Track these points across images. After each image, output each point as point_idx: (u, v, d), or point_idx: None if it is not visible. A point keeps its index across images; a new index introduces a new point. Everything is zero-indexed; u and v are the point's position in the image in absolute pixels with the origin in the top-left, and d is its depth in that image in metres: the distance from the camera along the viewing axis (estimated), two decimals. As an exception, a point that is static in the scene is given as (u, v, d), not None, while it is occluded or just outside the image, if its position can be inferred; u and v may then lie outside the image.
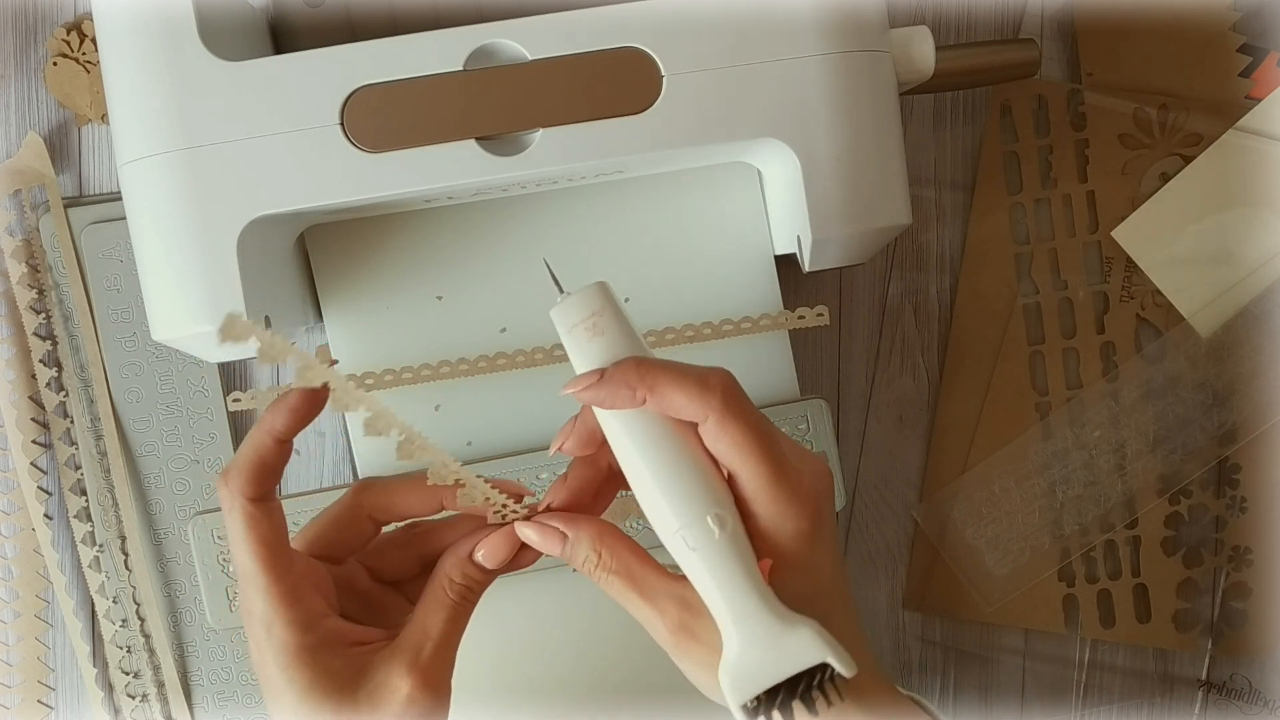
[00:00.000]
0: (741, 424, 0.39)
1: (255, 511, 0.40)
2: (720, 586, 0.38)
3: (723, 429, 0.39)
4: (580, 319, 0.40)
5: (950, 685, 0.57)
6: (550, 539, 0.41)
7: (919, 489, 0.57)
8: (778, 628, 0.38)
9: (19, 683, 0.56)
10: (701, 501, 0.39)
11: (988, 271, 0.57)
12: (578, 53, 0.45)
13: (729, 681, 0.38)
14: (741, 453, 0.39)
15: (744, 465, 0.39)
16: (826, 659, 0.38)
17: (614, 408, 0.40)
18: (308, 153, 0.44)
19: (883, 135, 0.46)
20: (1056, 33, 0.58)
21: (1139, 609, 0.57)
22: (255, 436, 0.40)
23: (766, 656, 0.38)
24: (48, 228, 0.55)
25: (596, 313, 0.40)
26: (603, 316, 0.40)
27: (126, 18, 0.44)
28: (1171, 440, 0.56)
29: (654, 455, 0.39)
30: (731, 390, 0.39)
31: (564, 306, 0.41)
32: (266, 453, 0.40)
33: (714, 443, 0.39)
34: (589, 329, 0.40)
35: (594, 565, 0.41)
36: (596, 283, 0.41)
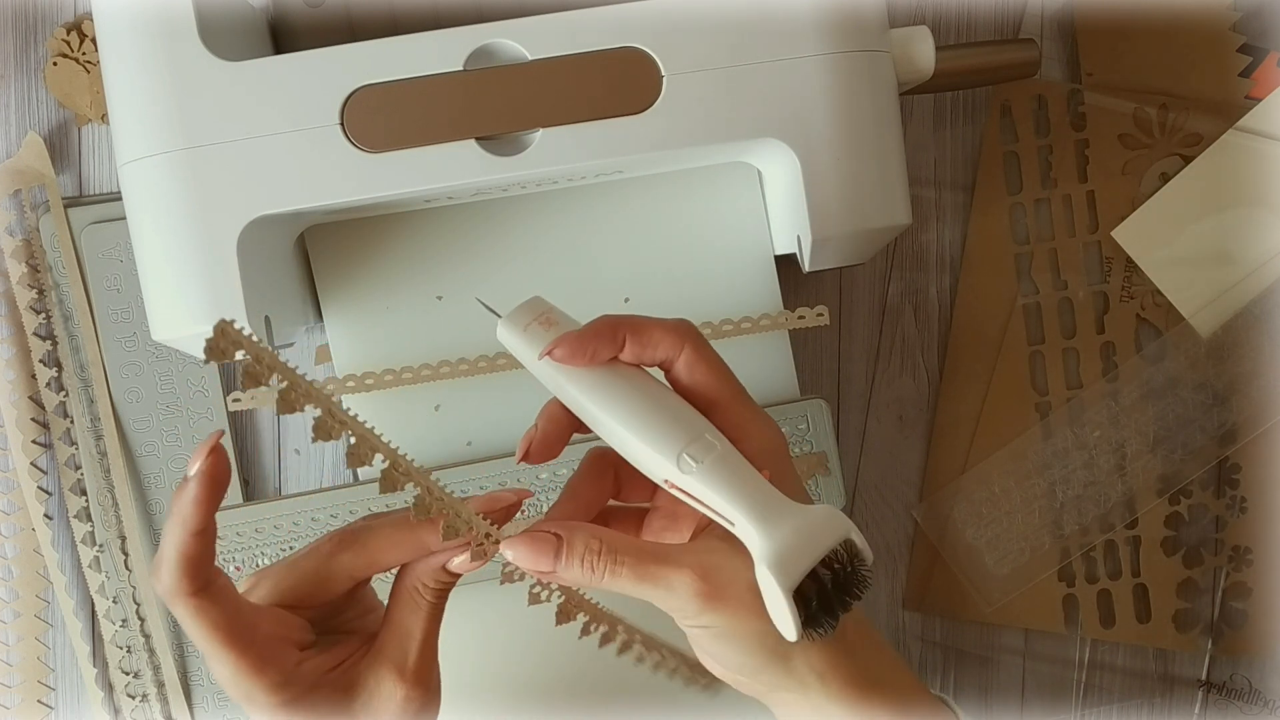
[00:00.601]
0: (712, 353, 0.42)
1: (199, 603, 0.38)
2: (735, 489, 0.39)
3: (698, 356, 0.41)
4: (532, 318, 0.42)
5: (950, 685, 0.57)
6: (542, 546, 0.40)
7: (919, 489, 0.57)
8: (799, 512, 0.39)
9: (19, 683, 0.56)
10: (693, 424, 0.40)
11: (988, 271, 0.57)
12: (578, 53, 0.45)
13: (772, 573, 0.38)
14: (718, 375, 0.41)
15: (722, 386, 0.41)
16: (850, 534, 0.39)
17: (595, 359, 0.40)
18: (308, 153, 0.44)
19: (883, 135, 0.46)
20: (1056, 33, 0.58)
21: (1139, 609, 0.57)
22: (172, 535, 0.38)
23: (797, 539, 0.39)
24: (48, 228, 0.55)
25: (544, 312, 0.42)
26: (552, 312, 0.42)
27: (126, 18, 0.44)
28: (1171, 440, 0.56)
29: (634, 396, 0.40)
30: (696, 330, 0.42)
31: (511, 316, 0.42)
32: (189, 549, 0.38)
33: (690, 372, 0.41)
34: (542, 323, 0.42)
35: (596, 555, 0.40)
36: (532, 296, 0.43)
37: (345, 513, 0.52)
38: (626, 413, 0.40)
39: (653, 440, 0.40)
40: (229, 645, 0.38)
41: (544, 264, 0.54)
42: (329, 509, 0.52)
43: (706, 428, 0.40)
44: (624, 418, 0.40)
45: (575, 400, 0.41)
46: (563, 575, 0.40)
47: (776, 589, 0.38)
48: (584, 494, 0.43)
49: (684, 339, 0.41)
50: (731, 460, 0.40)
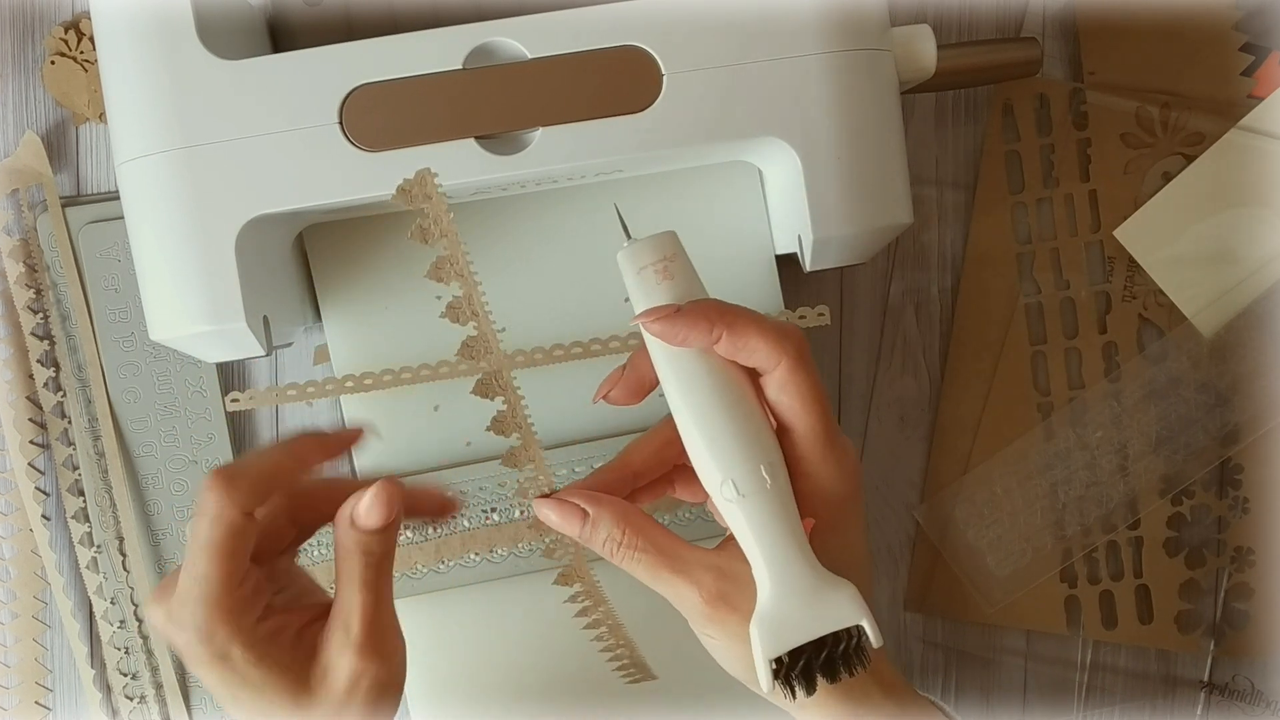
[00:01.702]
0: (810, 377, 0.39)
1: (243, 526, 0.39)
2: (765, 536, 0.38)
3: (792, 378, 0.39)
4: (651, 261, 0.40)
5: (952, 687, 0.57)
6: (570, 515, 0.40)
7: (920, 489, 0.57)
8: (817, 584, 0.38)
9: (17, 684, 0.56)
10: (757, 448, 0.39)
11: (989, 271, 0.57)
12: (577, 51, 0.44)
13: (760, 633, 0.38)
14: (805, 404, 0.39)
15: (804, 418, 0.39)
16: (861, 621, 0.38)
17: (685, 344, 0.39)
18: (306, 152, 0.44)
19: (884, 134, 0.46)
20: (1058, 32, 0.57)
21: (1141, 610, 0.57)
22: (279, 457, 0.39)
23: (802, 612, 0.38)
24: (45, 227, 0.55)
25: (669, 257, 0.40)
26: (674, 262, 0.40)
27: (124, 16, 0.44)
28: (1174, 441, 0.56)
29: (714, 399, 0.39)
30: (804, 344, 0.40)
31: (634, 248, 0.40)
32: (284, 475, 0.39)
33: (779, 392, 0.39)
34: (659, 271, 0.40)
35: (617, 544, 0.40)
36: (667, 230, 0.41)
37: (344, 513, 0.52)
38: (695, 412, 0.39)
39: (707, 454, 0.39)
40: (224, 583, 0.38)
41: (544, 263, 0.54)
42: (328, 510, 0.52)
43: (767, 457, 0.39)
44: (692, 415, 0.39)
45: (659, 367, 0.40)
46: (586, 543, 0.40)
47: (758, 648, 0.38)
48: (636, 463, 0.43)
49: (782, 353, 0.39)
50: (775, 504, 0.38)
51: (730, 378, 0.39)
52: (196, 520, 0.39)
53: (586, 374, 0.54)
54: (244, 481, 0.39)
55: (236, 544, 0.39)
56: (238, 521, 0.39)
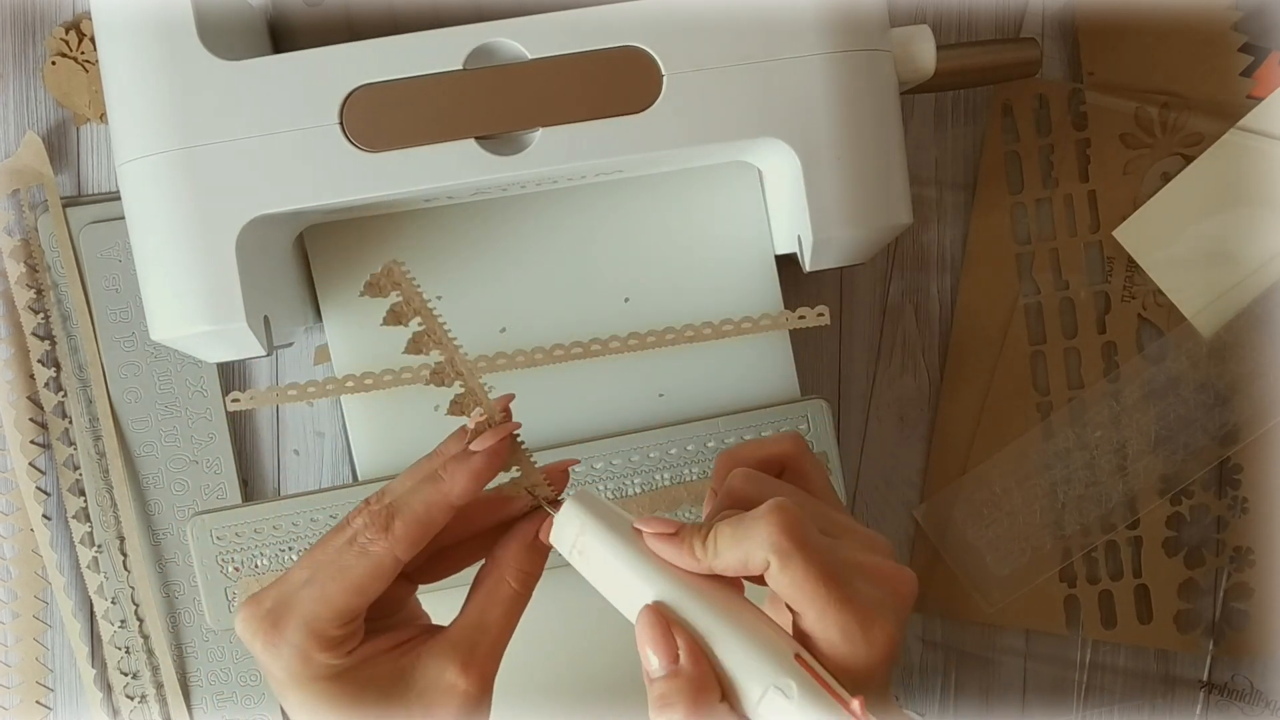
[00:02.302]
0: (801, 564, 0.36)
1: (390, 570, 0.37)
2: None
3: (783, 572, 0.36)
4: (570, 543, 0.39)
5: (951, 686, 0.57)
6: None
7: (920, 489, 0.57)
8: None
9: (18, 683, 0.56)
10: (759, 673, 0.36)
11: (989, 271, 0.57)
12: (578, 52, 0.44)
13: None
14: (804, 594, 0.36)
15: (809, 607, 0.36)
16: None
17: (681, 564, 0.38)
18: (307, 152, 0.44)
19: (884, 134, 0.46)
20: (1058, 32, 0.57)
21: (1140, 610, 0.57)
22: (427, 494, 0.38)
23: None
24: (46, 227, 0.55)
25: (578, 533, 0.39)
26: (584, 536, 0.39)
27: (125, 17, 0.44)
28: (1173, 440, 0.56)
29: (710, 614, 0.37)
30: (789, 528, 0.36)
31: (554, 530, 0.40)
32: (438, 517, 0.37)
33: (775, 585, 0.37)
34: (580, 551, 0.39)
35: None
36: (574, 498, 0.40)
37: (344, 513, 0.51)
38: (700, 629, 0.37)
39: (725, 671, 0.37)
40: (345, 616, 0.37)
41: (544, 264, 0.54)
42: (329, 509, 0.52)
43: (775, 671, 0.36)
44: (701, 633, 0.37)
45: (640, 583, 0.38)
46: None
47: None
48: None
49: (768, 552, 0.36)
50: (807, 713, 0.36)
51: (713, 595, 0.38)
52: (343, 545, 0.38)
53: (586, 374, 0.54)
54: (404, 528, 0.37)
55: (375, 585, 0.38)
56: (386, 565, 0.37)
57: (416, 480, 0.39)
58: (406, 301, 0.39)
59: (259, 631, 0.38)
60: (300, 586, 0.38)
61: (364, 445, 0.54)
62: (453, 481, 0.38)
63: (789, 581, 0.36)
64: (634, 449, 0.53)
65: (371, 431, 0.53)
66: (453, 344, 0.40)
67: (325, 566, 0.38)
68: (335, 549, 0.38)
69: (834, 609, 0.36)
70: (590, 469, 0.52)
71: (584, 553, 0.39)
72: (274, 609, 0.38)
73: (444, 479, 0.38)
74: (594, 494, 0.40)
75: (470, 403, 0.40)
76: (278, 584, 0.39)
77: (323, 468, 0.57)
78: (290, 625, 0.37)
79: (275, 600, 0.38)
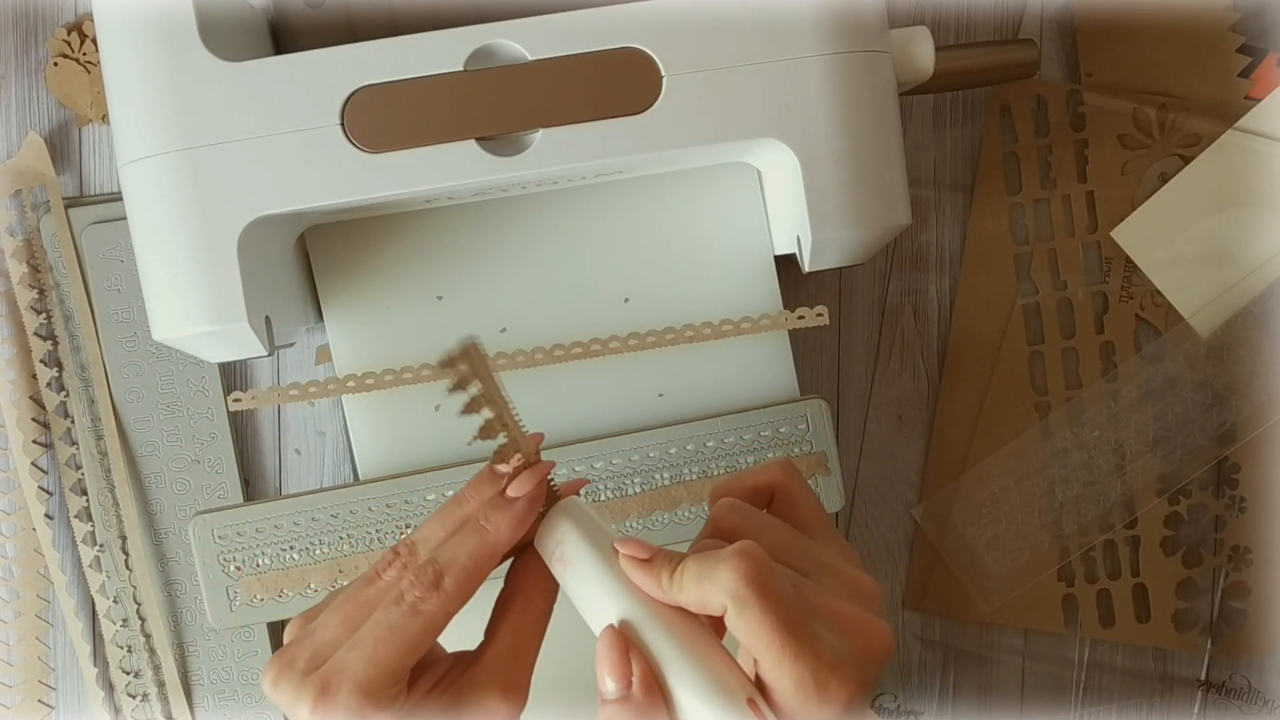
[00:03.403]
0: (758, 612, 0.35)
1: (441, 625, 0.37)
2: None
3: (739, 618, 0.36)
4: (551, 551, 0.39)
5: (950, 685, 0.57)
6: None
7: (918, 489, 0.57)
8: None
9: (20, 682, 0.56)
10: (708, 712, 0.36)
11: (987, 271, 0.57)
12: (578, 53, 0.45)
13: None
14: (760, 642, 0.36)
15: (764, 655, 0.36)
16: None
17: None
18: (308, 153, 0.44)
19: (882, 135, 0.46)
20: (1056, 33, 0.58)
21: (1138, 609, 0.57)
22: (473, 546, 0.37)
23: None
24: (48, 228, 0.55)
25: (559, 541, 0.39)
26: (564, 545, 0.39)
27: (127, 18, 0.44)
28: (1171, 440, 0.56)
29: (665, 653, 0.37)
30: (749, 574, 0.36)
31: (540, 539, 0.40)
32: (486, 569, 0.37)
33: (733, 629, 0.36)
34: (559, 559, 0.39)
35: None
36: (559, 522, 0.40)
37: (345, 512, 0.52)
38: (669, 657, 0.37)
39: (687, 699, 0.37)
40: (396, 672, 0.37)
41: (544, 264, 0.54)
42: (329, 509, 0.52)
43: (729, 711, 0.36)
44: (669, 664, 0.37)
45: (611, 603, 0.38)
46: None
47: None
48: None
49: (725, 596, 0.36)
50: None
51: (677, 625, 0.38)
52: (389, 604, 0.37)
53: (586, 374, 0.54)
54: (454, 584, 0.37)
55: (427, 642, 0.37)
56: (439, 623, 0.37)
57: (451, 529, 0.39)
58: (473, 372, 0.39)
59: (306, 697, 0.37)
60: (344, 648, 0.37)
61: (365, 445, 0.54)
62: (498, 531, 0.38)
63: (745, 628, 0.36)
64: (634, 449, 0.53)
65: (373, 431, 0.54)
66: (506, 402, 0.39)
67: (372, 627, 0.37)
68: (378, 606, 0.37)
69: (789, 660, 0.35)
70: (590, 469, 0.53)
71: (562, 561, 0.39)
72: (314, 670, 0.37)
73: (488, 529, 0.38)
74: (582, 504, 0.40)
75: (510, 451, 0.40)
76: (306, 642, 0.38)
77: (324, 467, 0.57)
78: (343, 690, 0.36)
79: (310, 660, 0.37)
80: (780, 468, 0.42)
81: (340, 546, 0.52)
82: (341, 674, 0.37)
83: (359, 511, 0.52)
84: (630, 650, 0.37)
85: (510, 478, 0.39)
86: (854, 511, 0.57)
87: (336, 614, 0.38)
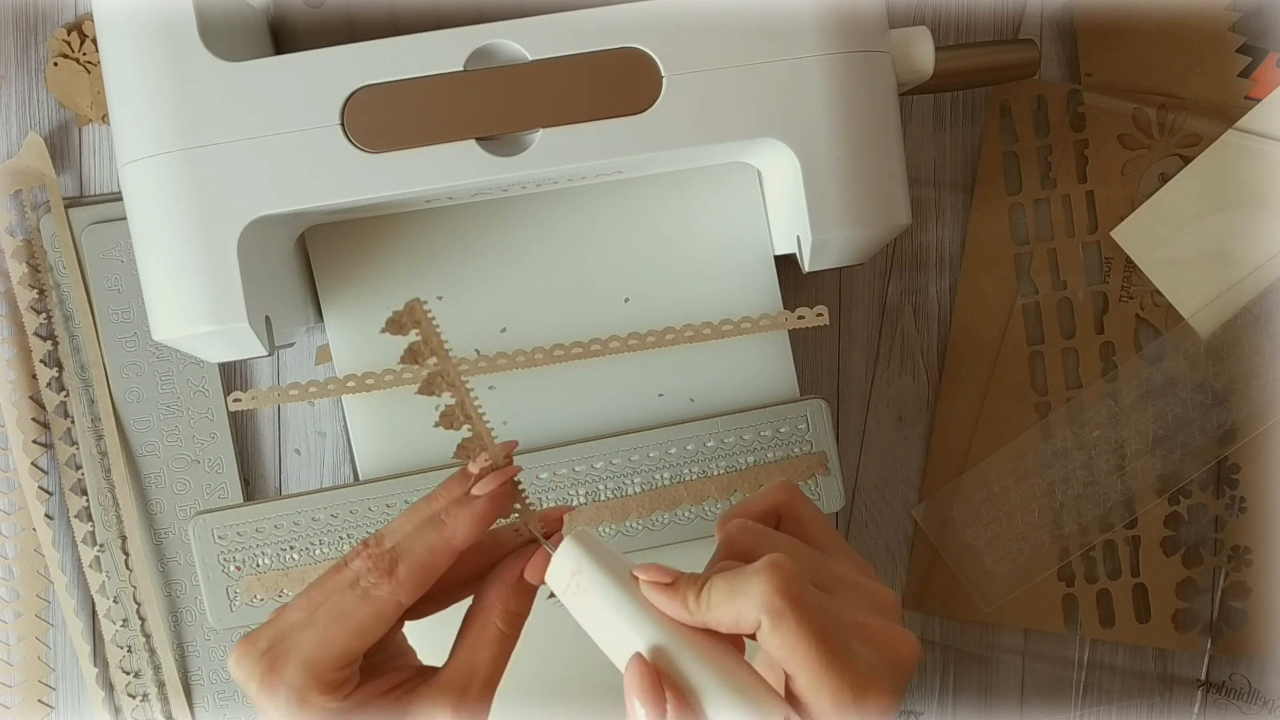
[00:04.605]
0: (795, 625, 0.35)
1: (392, 615, 0.37)
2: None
3: (774, 633, 0.35)
4: (565, 581, 0.39)
5: (950, 685, 0.57)
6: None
7: (918, 489, 0.57)
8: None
9: (19, 682, 0.56)
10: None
11: (987, 272, 0.57)
12: (578, 53, 0.45)
13: None
14: (796, 657, 0.35)
15: (801, 670, 0.35)
16: None
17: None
18: (308, 153, 0.44)
19: (882, 135, 0.46)
20: (1056, 33, 0.58)
21: (1138, 609, 0.57)
22: (431, 539, 0.37)
23: None
24: (48, 228, 0.55)
25: (575, 571, 0.39)
26: (580, 575, 0.39)
27: (127, 18, 0.44)
28: (1171, 440, 0.56)
29: (695, 678, 0.37)
30: (783, 587, 0.35)
31: (550, 570, 0.39)
32: (441, 563, 0.37)
33: (767, 645, 0.36)
34: (576, 589, 0.39)
35: None
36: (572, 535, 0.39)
37: (345, 512, 0.52)
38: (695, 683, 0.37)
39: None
40: (345, 658, 0.37)
41: (544, 264, 0.54)
42: (329, 509, 0.52)
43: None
44: (701, 688, 0.37)
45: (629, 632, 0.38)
46: None
47: None
48: None
49: (760, 611, 0.35)
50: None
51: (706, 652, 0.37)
52: (345, 588, 0.37)
53: (586, 374, 0.54)
54: (408, 573, 0.37)
55: (376, 628, 0.38)
56: (389, 610, 0.37)
57: (417, 523, 0.39)
58: (425, 341, 0.39)
59: (255, 672, 0.38)
60: (298, 628, 0.38)
61: (365, 445, 0.54)
62: (456, 526, 0.38)
63: (781, 643, 0.35)
64: (634, 449, 0.53)
65: (372, 431, 0.54)
66: (466, 389, 0.40)
67: (326, 609, 0.38)
68: (335, 591, 0.38)
69: (827, 673, 0.35)
70: (590, 469, 0.53)
71: (578, 593, 0.38)
72: (271, 649, 0.38)
73: (447, 524, 0.38)
74: (593, 534, 0.40)
75: (476, 447, 0.40)
76: (272, 624, 0.39)
77: (324, 467, 0.57)
78: (289, 667, 0.37)
79: (271, 640, 0.38)
80: (783, 489, 0.42)
81: (340, 546, 0.52)
82: (290, 651, 0.37)
83: (359, 511, 0.52)
84: (661, 677, 0.37)
85: (477, 478, 0.40)
86: (854, 511, 0.57)
87: (303, 598, 0.39)
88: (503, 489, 0.39)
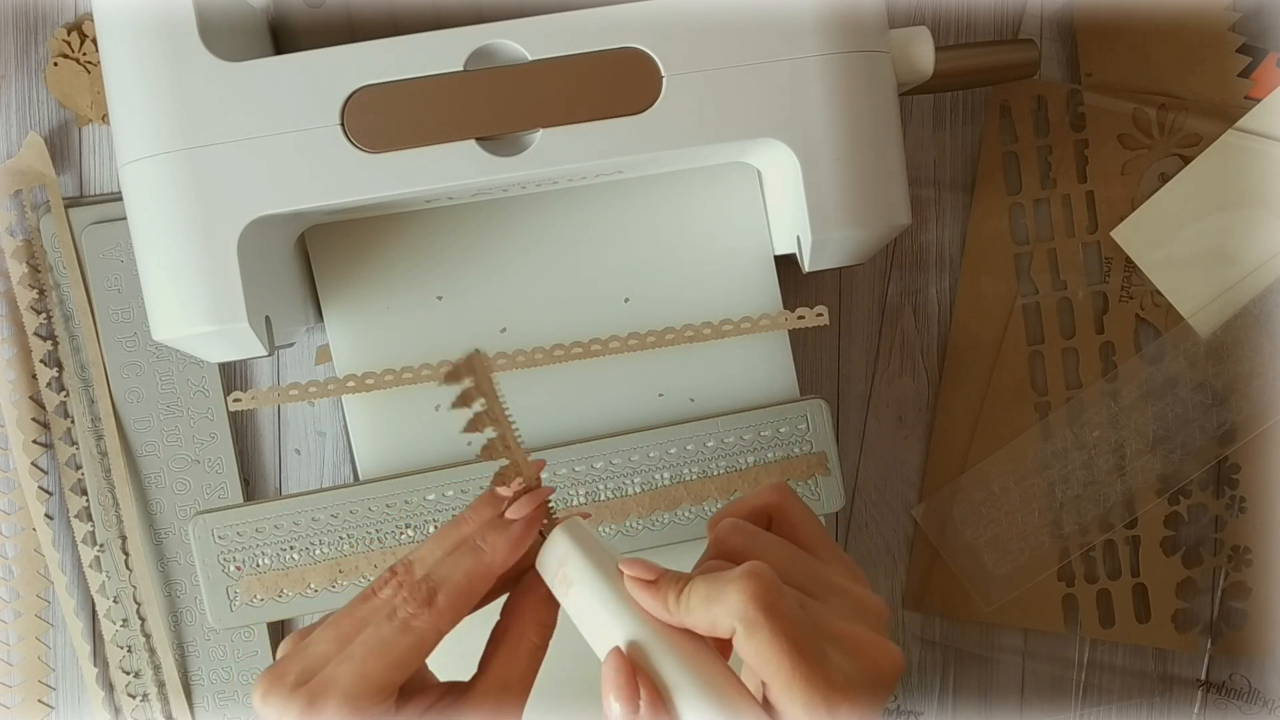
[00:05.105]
0: (767, 635, 0.35)
1: (432, 644, 0.37)
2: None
3: (748, 641, 0.35)
4: (553, 572, 0.39)
5: (950, 685, 0.57)
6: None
7: (918, 489, 0.57)
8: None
9: (19, 682, 0.56)
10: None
11: (987, 272, 0.57)
12: (578, 53, 0.45)
13: None
14: (769, 665, 0.35)
15: (774, 679, 0.35)
16: None
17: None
18: (308, 153, 0.44)
19: (882, 135, 0.46)
20: (1056, 33, 0.58)
21: (1138, 609, 0.57)
22: (468, 565, 0.37)
23: None
24: (48, 228, 0.55)
25: (562, 562, 0.39)
26: (566, 566, 0.39)
27: (127, 18, 0.44)
28: (1171, 440, 0.56)
29: (671, 676, 0.37)
30: (758, 595, 0.35)
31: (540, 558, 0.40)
32: (480, 589, 0.37)
33: (742, 652, 0.36)
34: (561, 580, 0.39)
35: None
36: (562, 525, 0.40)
37: (345, 512, 0.52)
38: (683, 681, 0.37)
39: None
40: (383, 689, 0.37)
41: (544, 264, 0.54)
42: (329, 509, 0.52)
43: None
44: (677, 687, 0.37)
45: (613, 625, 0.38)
46: None
47: None
48: None
49: (734, 618, 0.35)
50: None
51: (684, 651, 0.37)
52: (381, 620, 0.37)
53: (586, 374, 0.54)
54: (448, 601, 0.37)
55: (417, 659, 0.37)
56: (430, 640, 0.37)
57: (448, 549, 0.39)
58: (478, 387, 0.39)
59: (292, 709, 0.36)
60: (332, 661, 0.37)
61: (365, 445, 0.54)
62: (494, 551, 0.38)
63: (754, 651, 0.35)
64: (634, 449, 0.53)
65: (373, 431, 0.54)
66: (509, 424, 0.40)
67: (362, 641, 0.37)
68: (369, 622, 0.37)
69: (799, 683, 0.35)
70: (590, 469, 0.53)
71: (565, 583, 0.39)
72: (304, 684, 0.37)
73: (484, 549, 0.38)
74: (584, 526, 0.40)
75: (512, 474, 0.40)
76: (297, 656, 0.38)
77: (324, 467, 0.57)
78: (330, 703, 0.36)
79: (301, 674, 0.37)
80: (775, 490, 0.42)
81: (340, 546, 0.52)
82: (329, 687, 0.36)
83: (359, 511, 0.52)
84: (637, 673, 0.37)
85: (510, 500, 0.40)
86: (854, 511, 0.57)
87: (330, 630, 0.38)
88: (537, 512, 0.39)
